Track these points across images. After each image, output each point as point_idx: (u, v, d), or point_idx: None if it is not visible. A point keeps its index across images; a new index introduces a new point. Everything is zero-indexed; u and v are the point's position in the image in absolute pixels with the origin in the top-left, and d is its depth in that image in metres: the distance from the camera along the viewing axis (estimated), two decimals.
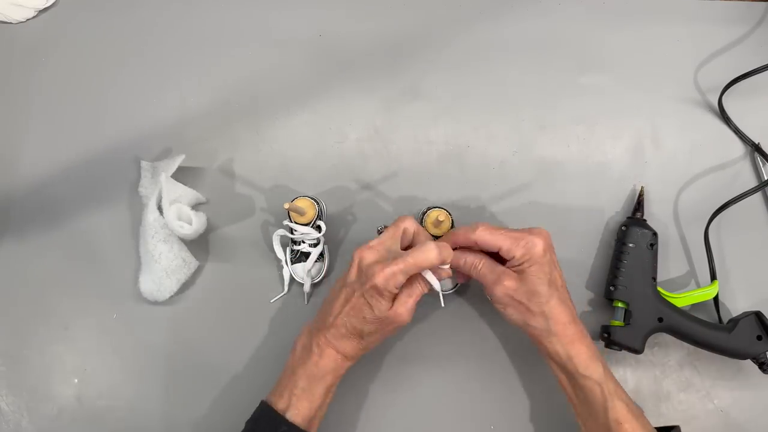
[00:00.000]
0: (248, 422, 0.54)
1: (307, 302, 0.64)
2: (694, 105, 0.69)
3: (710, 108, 0.69)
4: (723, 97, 0.68)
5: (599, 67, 0.70)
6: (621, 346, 0.60)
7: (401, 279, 0.51)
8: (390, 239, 0.54)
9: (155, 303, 0.64)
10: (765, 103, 0.69)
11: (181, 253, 0.63)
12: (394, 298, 0.53)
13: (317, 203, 0.62)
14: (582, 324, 0.55)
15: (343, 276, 0.55)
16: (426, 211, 0.61)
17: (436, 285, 0.54)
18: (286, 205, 0.58)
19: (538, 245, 0.52)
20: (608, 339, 0.60)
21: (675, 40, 0.71)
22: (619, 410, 0.51)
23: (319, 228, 0.62)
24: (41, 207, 0.67)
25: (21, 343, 0.64)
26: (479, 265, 0.55)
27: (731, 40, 0.71)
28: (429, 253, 0.50)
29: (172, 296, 0.63)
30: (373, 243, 0.53)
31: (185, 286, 0.64)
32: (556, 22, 0.71)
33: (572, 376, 0.53)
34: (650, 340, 0.61)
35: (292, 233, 0.62)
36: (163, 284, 0.62)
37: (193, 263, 0.64)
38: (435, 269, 0.54)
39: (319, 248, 0.62)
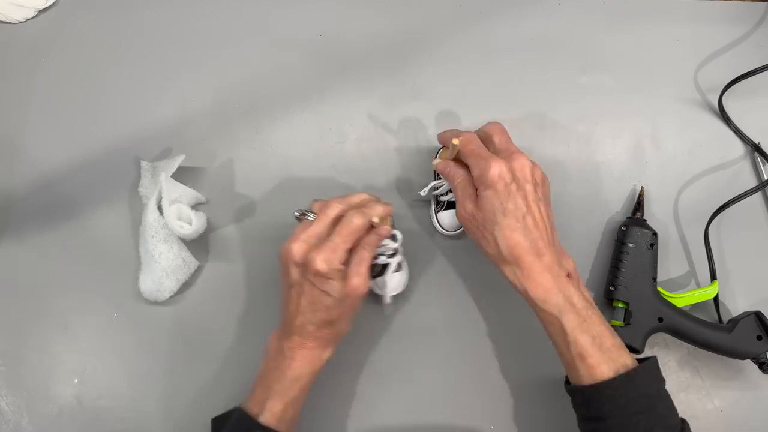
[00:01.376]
0: (223, 428, 0.53)
1: (386, 313, 0.64)
2: (694, 105, 0.69)
3: (710, 108, 0.69)
4: (723, 97, 0.68)
5: (599, 67, 0.70)
6: None
7: (341, 254, 0.51)
8: (317, 229, 0.53)
9: (155, 303, 0.64)
10: (765, 103, 0.69)
11: (181, 253, 0.63)
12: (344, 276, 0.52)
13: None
14: (555, 259, 0.51)
15: (281, 277, 0.54)
16: (438, 152, 0.63)
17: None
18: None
19: (491, 171, 0.51)
20: None
21: (675, 40, 0.71)
22: (581, 344, 0.49)
23: (394, 237, 0.59)
24: (41, 207, 0.67)
25: (21, 343, 0.64)
26: (456, 179, 0.55)
27: (731, 40, 0.71)
28: (353, 219, 0.52)
29: (172, 296, 0.63)
30: (301, 236, 0.52)
31: (185, 286, 0.64)
32: (557, 22, 0.72)
33: (533, 308, 0.52)
34: (650, 340, 0.61)
35: None
36: (163, 284, 0.62)
37: (193, 263, 0.64)
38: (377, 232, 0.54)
39: (398, 258, 0.59)
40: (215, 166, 0.68)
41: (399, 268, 0.61)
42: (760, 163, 0.67)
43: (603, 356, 0.48)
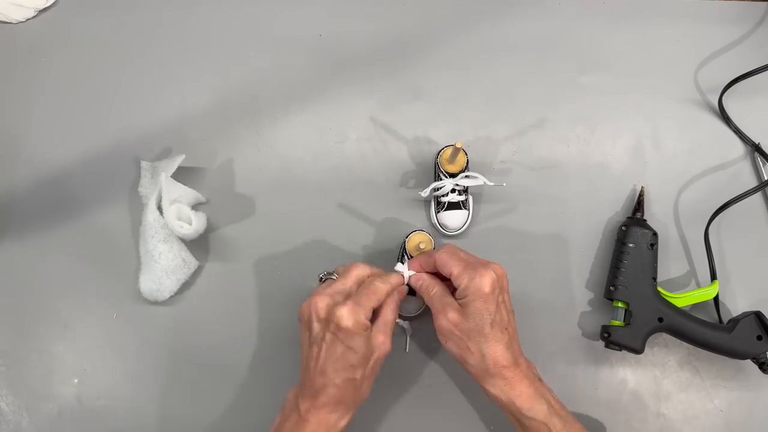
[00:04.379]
0: None
1: (407, 349, 0.64)
2: (694, 105, 0.69)
3: (710, 108, 0.69)
4: (723, 97, 0.68)
5: (599, 67, 0.70)
6: (621, 346, 0.60)
7: (367, 311, 0.51)
8: (341, 287, 0.53)
9: (155, 303, 0.64)
10: (765, 103, 0.69)
11: (181, 253, 0.63)
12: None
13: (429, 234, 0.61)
14: (527, 365, 0.54)
15: (302, 334, 0.53)
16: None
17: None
18: (411, 247, 0.59)
19: (485, 281, 0.51)
20: (608, 339, 0.60)
21: (675, 40, 0.71)
22: None
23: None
24: (41, 207, 0.67)
25: (21, 343, 0.64)
26: (432, 290, 0.55)
27: (731, 40, 0.71)
28: (377, 282, 0.53)
29: (172, 296, 0.63)
30: (326, 291, 0.52)
31: (185, 286, 0.64)
32: (557, 22, 0.72)
33: (516, 417, 0.52)
34: (650, 340, 0.61)
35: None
36: (163, 284, 0.62)
37: (192, 263, 0.64)
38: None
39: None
40: (215, 166, 0.68)
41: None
42: (760, 163, 0.67)
43: None
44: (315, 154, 0.68)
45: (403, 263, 0.58)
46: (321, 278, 0.56)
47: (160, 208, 0.63)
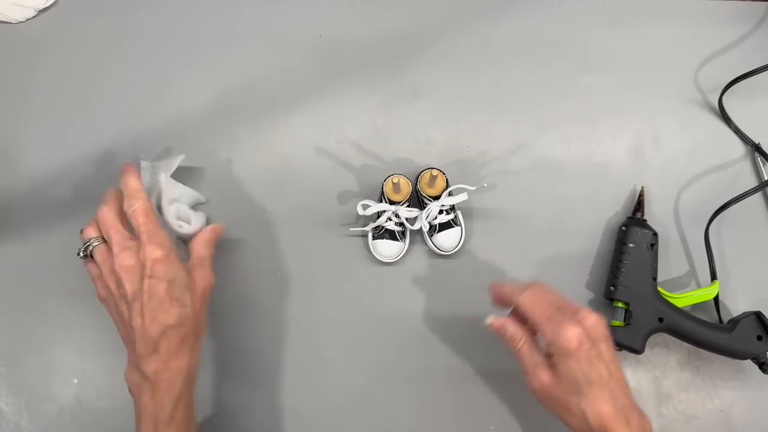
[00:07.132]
0: None
1: None
2: (694, 105, 0.69)
3: (710, 108, 0.69)
4: (723, 97, 0.68)
5: (599, 67, 0.70)
6: (621, 347, 0.60)
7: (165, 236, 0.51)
8: (119, 236, 0.52)
9: None
10: (765, 103, 0.69)
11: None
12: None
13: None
14: (640, 423, 0.47)
15: (111, 310, 0.52)
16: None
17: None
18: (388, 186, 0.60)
19: (571, 336, 0.46)
20: None
21: (675, 40, 0.71)
22: None
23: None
24: (41, 206, 0.67)
25: (21, 344, 0.64)
26: (519, 342, 0.50)
27: (731, 40, 0.71)
28: (141, 216, 0.52)
29: None
30: (117, 250, 0.51)
31: None
32: (556, 22, 0.72)
33: None
34: (650, 340, 0.61)
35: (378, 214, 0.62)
36: None
37: None
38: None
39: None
40: (215, 166, 0.68)
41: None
42: (761, 163, 0.67)
43: None
44: (315, 154, 0.68)
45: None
46: (85, 254, 0.54)
47: (159, 208, 0.62)
